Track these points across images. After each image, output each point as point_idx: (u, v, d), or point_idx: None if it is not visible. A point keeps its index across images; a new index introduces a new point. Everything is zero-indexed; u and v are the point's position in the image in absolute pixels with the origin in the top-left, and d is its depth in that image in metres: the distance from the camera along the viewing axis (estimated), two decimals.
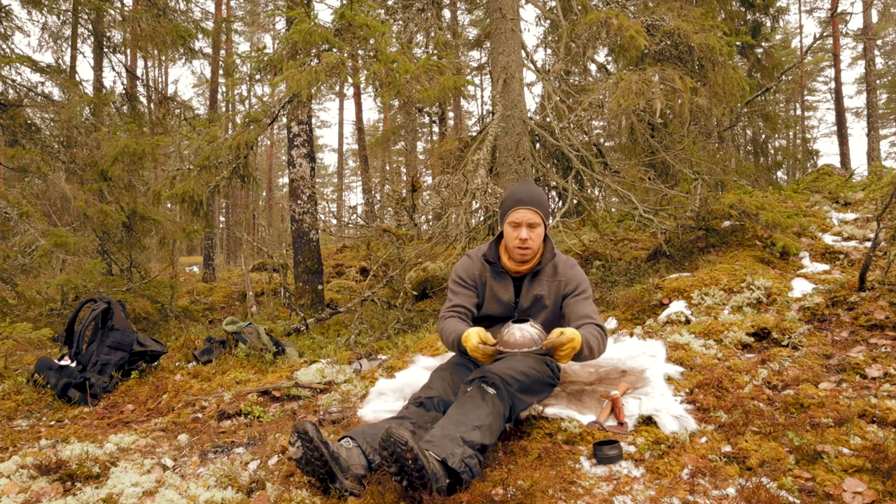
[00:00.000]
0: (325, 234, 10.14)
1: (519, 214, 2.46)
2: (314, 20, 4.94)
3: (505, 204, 2.54)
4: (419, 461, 1.76)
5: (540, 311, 2.58)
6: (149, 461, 2.39)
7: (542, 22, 11.32)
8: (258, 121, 5.40)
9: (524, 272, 2.57)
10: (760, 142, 15.29)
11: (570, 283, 2.57)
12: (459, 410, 2.10)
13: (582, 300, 2.54)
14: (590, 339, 2.29)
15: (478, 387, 2.20)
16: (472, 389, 2.20)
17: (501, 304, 2.60)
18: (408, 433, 1.80)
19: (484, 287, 2.61)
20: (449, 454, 1.88)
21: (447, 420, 2.06)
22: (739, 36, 8.19)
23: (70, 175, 7.20)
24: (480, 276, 2.61)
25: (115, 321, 3.90)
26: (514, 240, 2.48)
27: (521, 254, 2.49)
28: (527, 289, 2.58)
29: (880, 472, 1.93)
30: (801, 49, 24.85)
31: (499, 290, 2.59)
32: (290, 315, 6.92)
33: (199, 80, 28.96)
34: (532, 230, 2.47)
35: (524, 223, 2.46)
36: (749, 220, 5.56)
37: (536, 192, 2.52)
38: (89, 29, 8.37)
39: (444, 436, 1.96)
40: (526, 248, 2.48)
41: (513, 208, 2.48)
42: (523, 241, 2.45)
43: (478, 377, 2.26)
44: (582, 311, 2.48)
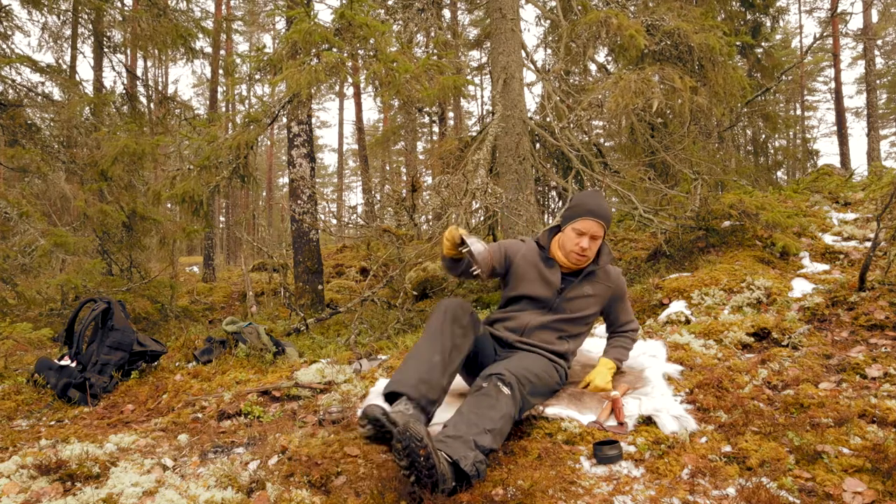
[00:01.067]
0: (325, 234, 10.14)
1: (587, 224, 2.58)
2: (314, 20, 4.94)
3: (575, 210, 2.63)
4: (431, 460, 1.78)
5: (583, 305, 2.70)
6: (149, 461, 2.39)
7: (542, 22, 11.32)
8: (258, 121, 5.40)
9: (572, 269, 2.70)
10: (760, 142, 15.29)
11: (618, 291, 2.79)
12: (474, 409, 2.12)
13: (626, 307, 2.87)
14: (620, 356, 2.79)
15: (494, 384, 2.21)
16: (488, 386, 2.21)
17: (549, 286, 2.67)
18: (424, 429, 1.82)
19: (528, 268, 2.70)
20: (461, 457, 1.91)
21: (460, 419, 2.08)
22: (739, 36, 8.19)
23: (70, 175, 7.20)
24: (525, 259, 2.70)
25: (115, 321, 3.90)
26: (574, 246, 2.59)
27: (578, 260, 2.63)
28: (578, 284, 2.69)
29: (880, 472, 1.93)
30: (801, 49, 24.85)
31: (547, 272, 2.68)
32: (290, 315, 6.92)
33: (199, 80, 28.99)
34: (594, 242, 2.61)
35: (589, 234, 2.58)
36: (749, 220, 5.56)
37: (606, 207, 2.65)
38: (89, 29, 8.37)
39: (457, 436, 1.98)
40: (583, 257, 2.61)
41: (583, 217, 2.59)
42: (583, 249, 2.58)
43: (495, 374, 2.26)
44: (624, 317, 2.86)
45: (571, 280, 2.69)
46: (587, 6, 6.45)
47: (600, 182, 6.06)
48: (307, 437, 2.56)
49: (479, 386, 2.24)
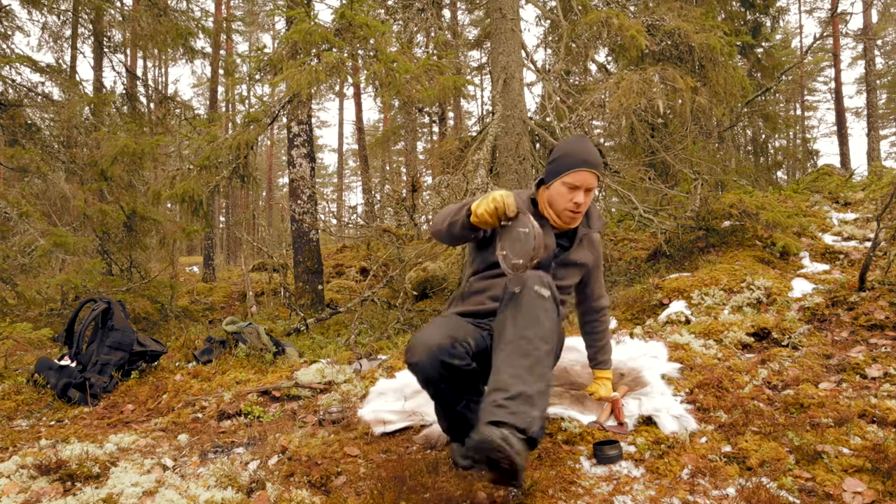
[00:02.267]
0: (325, 234, 10.14)
1: (581, 177, 2.18)
2: (314, 20, 4.94)
3: (564, 161, 2.22)
4: (515, 465, 1.68)
5: (572, 274, 2.37)
6: (149, 461, 2.39)
7: (542, 22, 11.32)
8: (258, 121, 5.40)
9: (561, 228, 2.34)
10: (760, 142, 15.29)
11: (599, 260, 2.49)
12: (518, 343, 1.84)
13: (601, 277, 2.57)
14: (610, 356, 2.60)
15: (532, 292, 1.90)
16: (522, 295, 1.90)
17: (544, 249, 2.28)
18: (499, 436, 1.68)
19: None
20: (529, 423, 1.73)
21: (510, 364, 1.81)
22: (740, 36, 8.20)
23: (70, 175, 7.19)
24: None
25: (115, 321, 3.90)
26: (567, 202, 2.21)
27: (572, 217, 2.24)
28: (574, 249, 2.36)
29: (880, 472, 1.92)
30: (801, 49, 24.85)
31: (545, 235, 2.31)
32: (290, 315, 6.92)
33: (199, 80, 28.98)
34: (588, 195, 2.22)
35: (584, 187, 2.20)
36: (749, 220, 5.56)
37: (597, 153, 2.26)
38: (89, 29, 8.36)
39: (516, 395, 1.75)
40: (578, 214, 2.23)
41: (576, 168, 2.19)
42: (578, 206, 2.21)
43: (535, 282, 1.93)
44: (599, 289, 2.55)
45: (564, 243, 2.35)
46: (587, 6, 6.45)
47: (600, 182, 6.05)
48: (307, 437, 2.56)
49: (511, 293, 1.92)
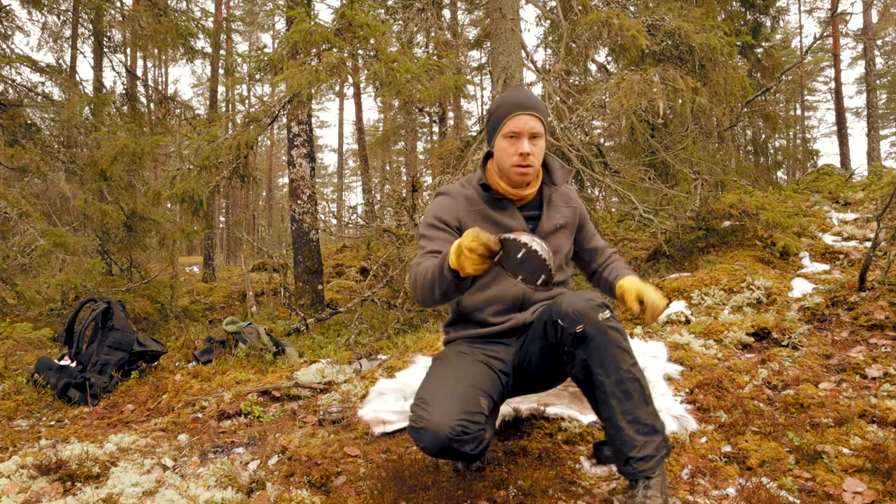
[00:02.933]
0: (325, 234, 10.14)
1: (519, 122, 1.88)
2: (314, 20, 4.95)
3: (498, 112, 1.94)
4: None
5: (560, 242, 2.04)
6: (149, 461, 2.39)
7: (542, 22, 11.33)
8: (258, 121, 5.40)
9: (527, 197, 2.01)
10: (760, 142, 15.29)
11: (583, 213, 2.13)
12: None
13: (593, 229, 2.17)
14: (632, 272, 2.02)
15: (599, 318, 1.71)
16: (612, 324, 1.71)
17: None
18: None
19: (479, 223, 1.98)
20: (664, 447, 1.72)
21: (632, 415, 1.69)
22: (740, 36, 8.19)
23: (70, 175, 7.20)
24: (470, 214, 1.98)
25: (115, 321, 3.90)
26: (512, 156, 1.89)
27: (522, 173, 1.90)
28: (545, 217, 2.03)
29: (880, 472, 1.92)
30: (801, 49, 24.85)
31: (504, 218, 1.99)
32: (290, 315, 6.92)
33: (199, 80, 29.00)
34: (535, 142, 1.90)
35: (525, 133, 1.88)
36: (749, 220, 5.56)
37: (535, 97, 1.95)
38: (89, 29, 8.37)
39: (645, 445, 1.70)
40: (527, 167, 1.90)
41: (510, 114, 1.90)
42: (525, 155, 1.88)
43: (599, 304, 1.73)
44: (601, 242, 2.16)
45: (533, 213, 2.03)
46: (588, 6, 6.45)
47: (600, 182, 6.06)
48: (307, 437, 2.56)
49: (576, 335, 1.71)
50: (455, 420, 1.65)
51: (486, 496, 1.90)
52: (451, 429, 1.64)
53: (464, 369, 1.85)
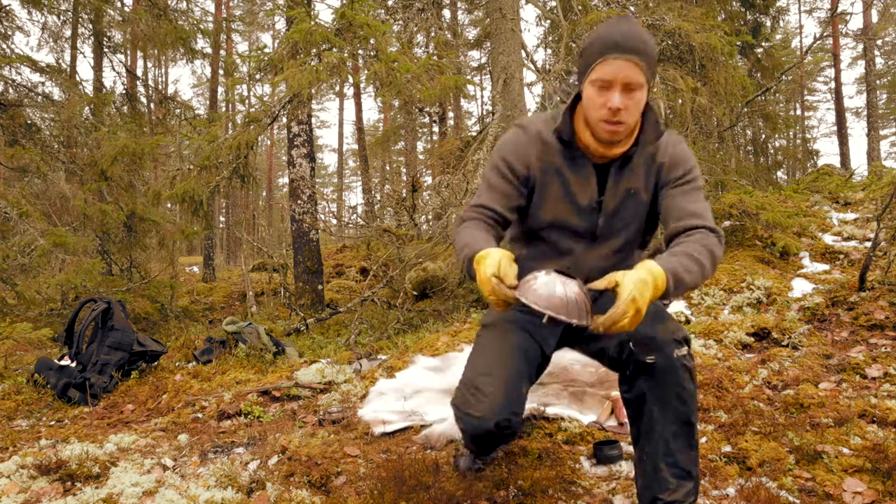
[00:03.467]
0: (325, 234, 10.14)
1: (611, 68, 1.49)
2: (315, 20, 4.95)
3: (588, 52, 1.55)
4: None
5: (632, 217, 1.71)
6: (149, 461, 2.39)
7: (542, 22, 11.33)
8: (258, 121, 5.40)
9: (613, 157, 1.65)
10: (760, 142, 15.29)
11: (673, 167, 1.65)
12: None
13: (690, 190, 1.64)
14: (679, 269, 1.42)
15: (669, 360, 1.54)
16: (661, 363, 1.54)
17: (577, 206, 1.68)
18: None
19: (547, 180, 1.69)
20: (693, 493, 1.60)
21: (673, 458, 1.58)
22: (740, 36, 8.19)
23: (70, 175, 7.20)
24: (541, 165, 1.68)
25: (115, 321, 3.90)
26: (599, 108, 1.53)
27: (611, 131, 1.55)
28: (614, 180, 1.66)
29: (880, 472, 1.92)
30: (801, 49, 24.85)
31: (576, 183, 1.67)
32: (290, 315, 6.92)
33: (199, 80, 28.99)
34: (630, 95, 1.51)
35: (618, 82, 1.49)
36: (749, 220, 5.56)
37: (641, 33, 1.53)
38: (89, 29, 8.36)
39: (685, 490, 1.59)
40: (618, 124, 1.53)
41: (602, 57, 1.50)
42: (615, 111, 1.51)
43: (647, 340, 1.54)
44: (687, 206, 1.60)
45: (612, 175, 1.67)
46: (588, 6, 6.45)
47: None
48: (307, 437, 2.56)
49: (642, 363, 1.55)
50: (502, 416, 1.60)
51: (486, 496, 1.90)
52: (496, 424, 1.60)
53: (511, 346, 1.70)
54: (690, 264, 1.44)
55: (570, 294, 1.39)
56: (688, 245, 1.49)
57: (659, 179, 1.67)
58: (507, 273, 1.45)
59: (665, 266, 1.40)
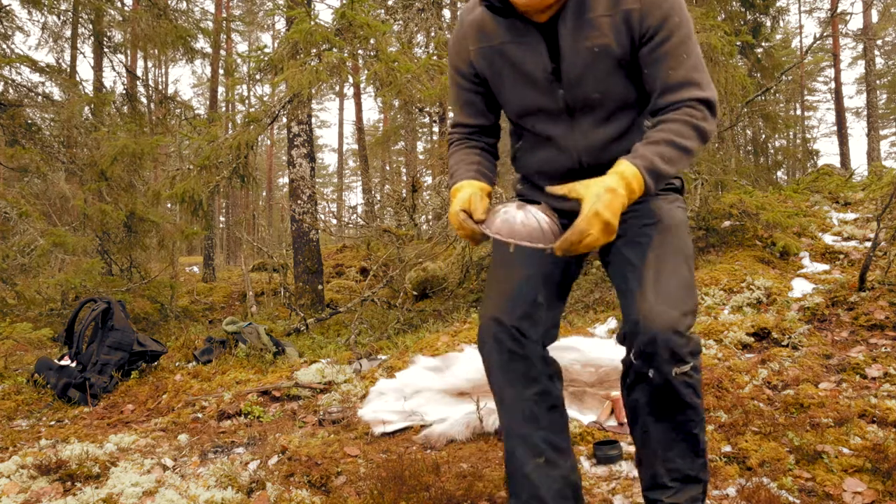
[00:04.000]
0: (325, 234, 10.15)
1: None
2: (315, 20, 4.95)
3: None
4: None
5: (608, 81, 1.37)
6: (149, 461, 2.39)
7: None
8: (258, 120, 5.40)
9: (553, 7, 1.32)
10: (760, 142, 15.29)
11: (647, 13, 1.29)
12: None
13: (671, 48, 1.30)
14: (657, 161, 1.24)
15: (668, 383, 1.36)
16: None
17: (533, 82, 1.40)
18: None
19: (493, 65, 1.44)
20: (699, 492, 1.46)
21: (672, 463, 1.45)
22: (740, 36, 8.19)
23: (70, 175, 7.20)
24: (481, 51, 1.44)
25: (115, 321, 3.90)
26: None
27: None
28: (571, 40, 1.33)
29: (880, 472, 1.92)
30: (801, 49, 24.84)
31: (523, 56, 1.38)
32: (290, 315, 6.92)
33: (199, 80, 28.99)
34: None
35: None
36: (749, 220, 5.56)
37: None
38: (89, 29, 8.37)
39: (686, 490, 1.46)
40: None
41: None
42: None
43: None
44: (669, 73, 1.30)
45: (563, 33, 1.34)
46: None
47: None
48: (307, 437, 2.56)
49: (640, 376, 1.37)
50: (507, 316, 1.42)
51: (486, 496, 1.89)
52: (505, 327, 1.43)
53: (516, 261, 1.49)
54: (671, 152, 1.26)
55: (531, 220, 1.30)
56: (669, 126, 1.28)
57: (632, 30, 1.31)
58: (476, 207, 1.36)
59: (639, 162, 1.24)
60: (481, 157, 1.55)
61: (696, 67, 1.33)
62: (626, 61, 1.35)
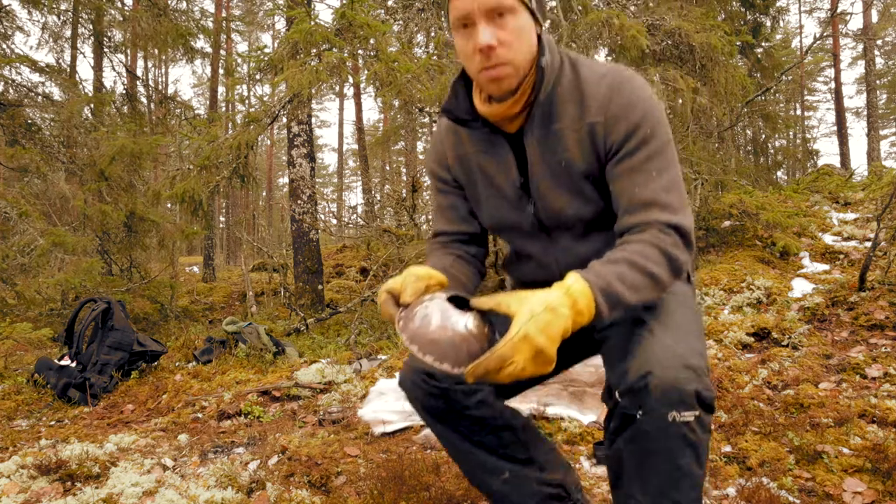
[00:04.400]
0: (325, 234, 10.15)
1: (464, 1, 1.11)
2: (315, 20, 4.95)
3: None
4: None
5: (577, 196, 1.25)
6: (149, 461, 2.39)
7: None
8: (258, 120, 5.40)
9: (520, 115, 1.23)
10: (760, 142, 15.30)
11: (613, 125, 1.17)
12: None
13: (639, 163, 1.15)
14: (615, 283, 1.04)
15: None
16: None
17: (504, 197, 1.31)
18: None
19: (469, 175, 1.35)
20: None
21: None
22: (740, 36, 8.20)
23: (70, 175, 7.20)
24: (458, 159, 1.35)
25: (115, 321, 3.90)
26: (472, 55, 1.15)
27: (492, 78, 1.15)
28: (537, 152, 1.24)
29: (880, 472, 1.92)
30: (801, 49, 24.84)
31: (494, 168, 1.30)
32: (290, 315, 6.92)
33: (199, 80, 29.00)
34: (500, 22, 1.12)
35: (478, 11, 1.11)
36: (749, 220, 5.57)
37: None
38: (89, 29, 8.37)
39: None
40: (498, 67, 1.13)
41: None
42: (486, 50, 1.12)
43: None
44: (636, 190, 1.14)
45: (530, 145, 1.25)
46: (588, 6, 6.45)
47: None
48: (307, 437, 2.56)
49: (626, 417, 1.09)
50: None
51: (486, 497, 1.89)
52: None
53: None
54: (633, 275, 1.06)
55: (452, 325, 1.03)
56: (632, 247, 1.10)
57: (596, 146, 1.19)
58: (405, 289, 1.14)
59: (591, 278, 1.03)
60: (456, 261, 1.35)
61: (669, 188, 1.14)
62: (594, 177, 1.22)
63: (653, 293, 1.09)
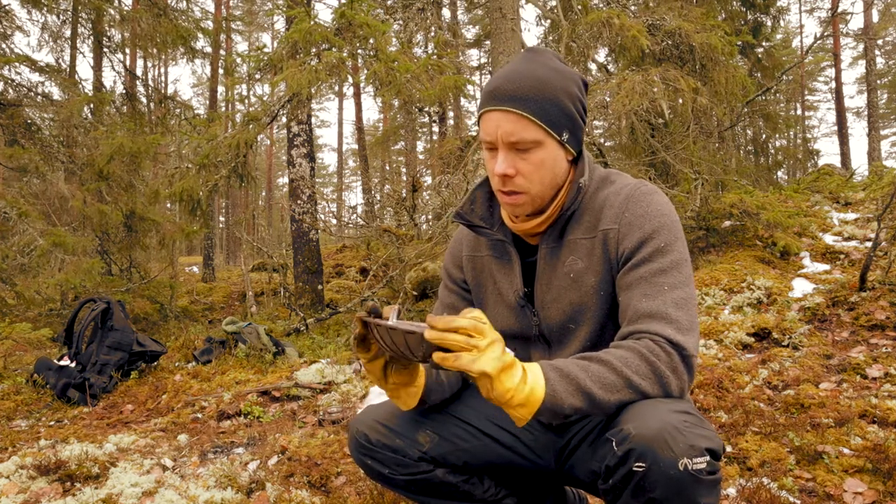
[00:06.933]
0: (325, 234, 10.14)
1: (489, 124, 1.14)
2: (314, 19, 4.95)
3: (480, 107, 1.21)
4: None
5: (583, 309, 1.20)
6: (148, 461, 2.39)
7: (542, 22, 11.32)
8: (258, 120, 5.40)
9: (540, 231, 1.24)
10: (761, 141, 15.29)
11: (625, 235, 1.15)
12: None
13: (649, 275, 1.10)
14: (582, 378, 0.99)
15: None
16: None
17: (507, 305, 1.30)
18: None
19: (479, 278, 1.35)
20: None
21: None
22: (740, 36, 8.20)
23: (69, 175, 7.20)
24: (472, 260, 1.36)
25: (115, 321, 3.90)
26: (492, 175, 1.17)
27: (505, 201, 1.19)
28: (548, 264, 1.23)
29: (881, 472, 1.92)
30: (801, 49, 24.84)
31: (501, 276, 1.31)
32: (290, 315, 6.92)
33: (199, 79, 29.00)
34: (523, 156, 1.14)
35: (500, 140, 1.13)
36: (749, 220, 5.56)
37: (534, 72, 1.14)
38: (89, 28, 8.36)
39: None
40: (512, 194, 1.16)
41: (483, 109, 1.16)
42: (502, 178, 1.14)
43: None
44: (641, 302, 1.08)
45: (543, 258, 1.25)
46: (588, 6, 6.45)
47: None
48: (307, 437, 2.56)
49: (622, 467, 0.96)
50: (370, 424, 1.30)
51: None
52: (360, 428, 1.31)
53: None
54: (608, 374, 0.99)
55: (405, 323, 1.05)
56: (616, 352, 1.03)
57: (609, 254, 1.17)
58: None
59: (546, 364, 1.01)
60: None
61: (679, 304, 1.06)
62: (604, 290, 1.18)
63: (623, 395, 1.00)
